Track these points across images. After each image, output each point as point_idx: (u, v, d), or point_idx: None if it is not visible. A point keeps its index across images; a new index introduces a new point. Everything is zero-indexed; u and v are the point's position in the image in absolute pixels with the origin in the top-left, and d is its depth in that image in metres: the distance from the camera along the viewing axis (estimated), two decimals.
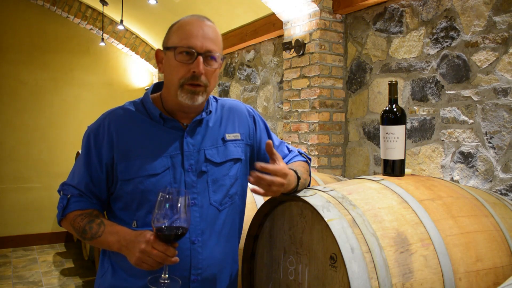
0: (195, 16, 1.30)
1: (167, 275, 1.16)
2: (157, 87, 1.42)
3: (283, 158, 1.50)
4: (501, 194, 1.99)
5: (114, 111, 1.35)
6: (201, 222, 1.30)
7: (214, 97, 1.46)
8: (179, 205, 1.11)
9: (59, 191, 1.35)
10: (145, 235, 1.15)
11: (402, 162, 1.60)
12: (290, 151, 1.55)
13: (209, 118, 1.39)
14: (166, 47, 1.29)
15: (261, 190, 1.24)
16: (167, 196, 1.10)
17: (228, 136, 1.40)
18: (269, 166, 1.22)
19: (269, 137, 1.52)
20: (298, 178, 1.34)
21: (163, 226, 1.10)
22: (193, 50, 1.23)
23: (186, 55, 1.24)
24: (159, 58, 1.34)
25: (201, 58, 1.24)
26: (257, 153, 1.49)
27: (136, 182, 1.27)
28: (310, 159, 1.55)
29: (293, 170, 1.35)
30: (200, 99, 1.27)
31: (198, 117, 1.34)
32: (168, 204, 1.10)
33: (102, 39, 5.34)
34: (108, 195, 1.35)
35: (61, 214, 1.32)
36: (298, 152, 1.54)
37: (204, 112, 1.36)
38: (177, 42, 1.25)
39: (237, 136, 1.42)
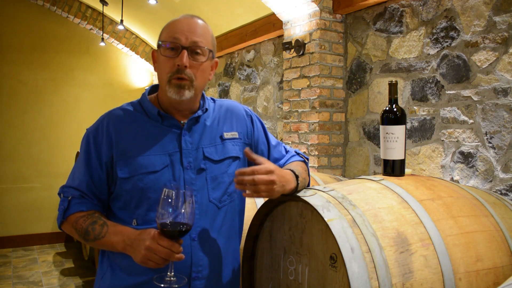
0: (184, 15, 1.33)
1: (172, 273, 1.16)
2: (155, 88, 1.44)
3: (281, 159, 1.51)
4: (501, 194, 1.99)
5: (112, 112, 1.37)
6: (201, 219, 1.31)
7: (212, 98, 1.48)
8: (183, 201, 1.11)
9: (59, 194, 1.35)
10: (150, 232, 1.15)
11: (402, 162, 1.60)
12: (287, 151, 1.55)
13: (207, 117, 1.40)
14: (157, 46, 1.33)
15: (252, 193, 1.22)
16: (172, 193, 1.11)
17: (226, 135, 1.41)
18: (246, 169, 1.22)
19: (266, 137, 1.53)
20: (297, 177, 1.34)
21: (168, 222, 1.11)
22: (178, 44, 1.26)
23: (172, 50, 1.27)
24: (154, 58, 1.37)
25: (185, 52, 1.25)
26: (255, 153, 1.49)
27: (135, 180, 1.27)
28: (307, 159, 1.55)
29: (290, 170, 1.36)
30: (187, 93, 1.28)
31: (195, 115, 1.36)
32: (172, 201, 1.11)
33: (102, 39, 5.34)
34: (108, 196, 1.35)
35: (62, 217, 1.31)
36: (296, 152, 1.55)
37: (200, 110, 1.38)
38: (163, 38, 1.29)
39: (235, 135, 1.43)
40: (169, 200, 1.11)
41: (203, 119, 1.39)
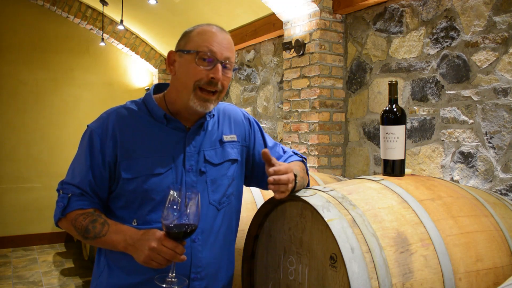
0: (213, 25, 1.34)
1: (174, 274, 1.16)
2: (157, 88, 1.43)
3: (278, 159, 1.52)
4: (501, 194, 1.99)
5: (116, 110, 1.35)
6: (201, 221, 1.31)
7: None
8: (189, 203, 1.12)
9: (58, 190, 1.34)
10: (154, 233, 1.16)
11: (402, 162, 1.60)
12: (284, 152, 1.56)
13: (209, 121, 1.41)
14: (183, 50, 1.30)
15: (281, 195, 1.27)
16: (178, 194, 1.11)
17: (226, 138, 1.43)
18: (280, 168, 1.26)
19: (264, 139, 1.54)
20: (295, 176, 1.35)
21: (173, 224, 1.11)
22: (214, 57, 1.27)
23: (207, 60, 1.27)
24: (170, 60, 1.35)
25: (220, 66, 1.27)
26: (252, 154, 1.51)
27: (139, 181, 1.28)
28: (305, 158, 1.57)
29: None
30: (211, 106, 1.32)
31: (202, 120, 1.37)
32: (178, 202, 1.11)
33: (102, 39, 5.33)
34: (108, 195, 1.35)
35: (61, 213, 1.30)
36: (293, 152, 1.55)
37: (207, 116, 1.39)
38: (198, 46, 1.27)
39: (234, 137, 1.45)
40: (175, 202, 1.11)
41: (206, 123, 1.40)
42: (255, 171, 1.52)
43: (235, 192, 1.44)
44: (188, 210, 1.12)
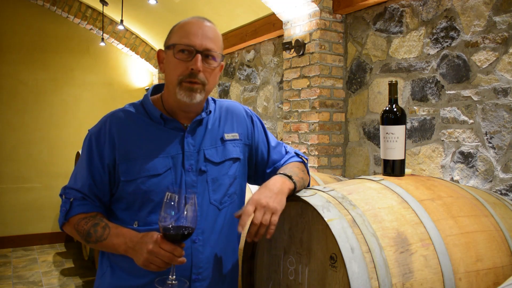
0: (196, 17, 1.32)
1: (174, 276, 1.16)
2: (156, 89, 1.43)
3: (280, 159, 1.52)
4: (501, 194, 1.99)
5: (114, 113, 1.36)
6: (201, 221, 1.31)
7: (212, 98, 1.48)
8: (186, 205, 1.11)
9: (61, 195, 1.35)
10: (152, 235, 1.15)
11: (402, 162, 1.60)
12: (287, 152, 1.56)
13: (208, 118, 1.40)
14: (167, 46, 1.31)
15: (270, 226, 1.22)
16: (174, 196, 1.11)
17: (227, 136, 1.41)
18: (241, 225, 1.21)
19: (266, 137, 1.53)
20: (289, 177, 1.34)
21: (170, 226, 1.11)
22: (192, 48, 1.25)
23: (185, 53, 1.26)
24: (160, 58, 1.36)
25: (199, 56, 1.25)
26: (255, 153, 1.49)
27: (138, 183, 1.28)
28: (307, 159, 1.56)
29: (280, 173, 1.36)
30: (198, 97, 1.28)
31: (198, 117, 1.36)
32: (175, 204, 1.10)
33: (102, 39, 5.34)
34: (110, 197, 1.35)
35: (64, 218, 1.31)
36: (295, 153, 1.55)
37: (204, 112, 1.38)
38: (176, 40, 1.27)
39: (236, 136, 1.43)
40: (172, 204, 1.10)
41: (205, 120, 1.39)
42: (258, 170, 1.52)
43: (238, 191, 1.43)
44: (185, 212, 1.11)
